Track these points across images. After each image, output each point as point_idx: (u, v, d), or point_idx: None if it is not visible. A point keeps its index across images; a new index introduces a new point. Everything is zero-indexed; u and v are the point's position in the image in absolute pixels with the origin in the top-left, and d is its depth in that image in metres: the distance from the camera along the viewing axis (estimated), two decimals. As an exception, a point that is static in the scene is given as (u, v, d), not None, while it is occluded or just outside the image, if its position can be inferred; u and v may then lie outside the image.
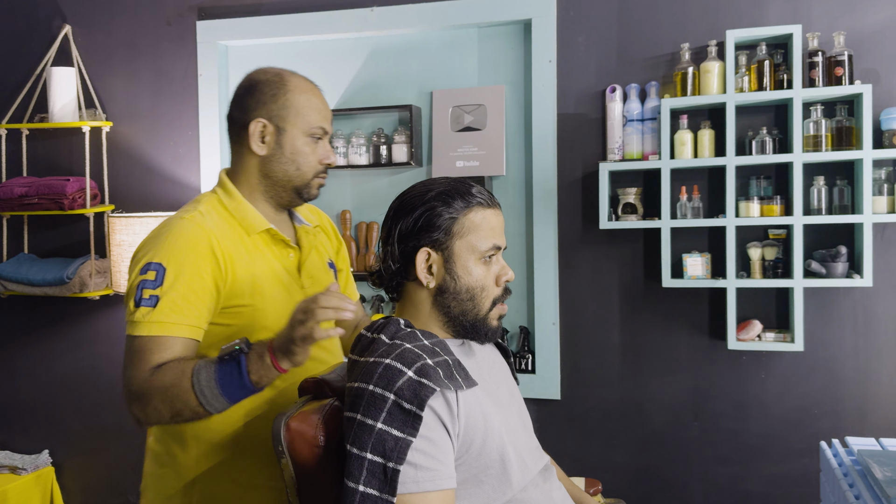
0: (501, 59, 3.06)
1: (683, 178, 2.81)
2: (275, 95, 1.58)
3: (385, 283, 1.42)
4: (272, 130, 1.56)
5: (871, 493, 1.78)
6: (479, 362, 1.42)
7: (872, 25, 2.65)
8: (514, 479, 1.32)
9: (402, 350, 1.27)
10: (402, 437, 1.19)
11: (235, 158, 1.61)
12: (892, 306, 2.67)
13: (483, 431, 1.29)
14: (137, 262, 1.45)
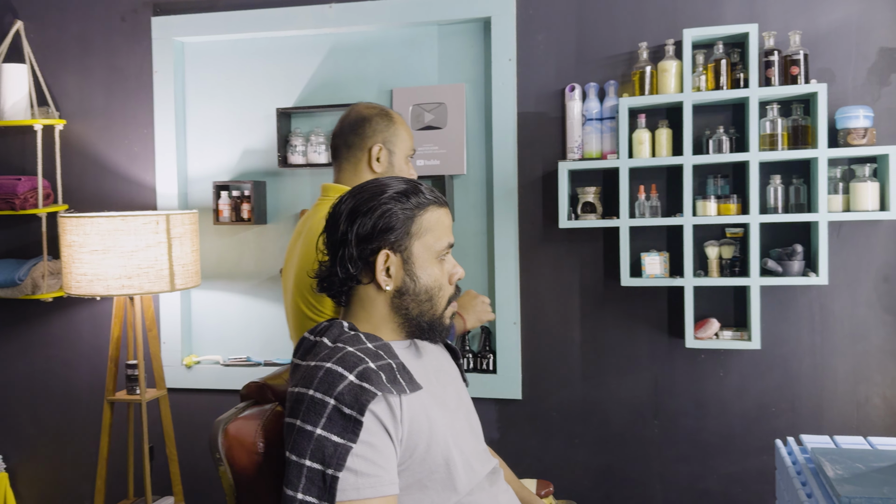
0: (461, 58, 3.04)
1: (642, 177, 2.81)
2: (388, 125, 1.98)
3: (335, 289, 1.39)
4: (386, 153, 1.97)
5: (823, 492, 1.79)
6: (426, 365, 1.40)
7: (827, 25, 2.67)
8: (459, 483, 1.30)
9: (343, 354, 1.24)
10: (342, 444, 1.17)
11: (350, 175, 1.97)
12: (848, 304, 2.70)
13: (428, 436, 1.27)
14: None
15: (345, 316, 1.40)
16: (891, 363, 2.67)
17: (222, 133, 3.24)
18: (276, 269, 3.19)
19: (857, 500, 1.65)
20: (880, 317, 2.67)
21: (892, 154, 2.49)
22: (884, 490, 1.67)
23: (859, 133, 2.53)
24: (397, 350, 1.35)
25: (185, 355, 3.26)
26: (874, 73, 2.64)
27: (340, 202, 1.38)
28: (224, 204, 3.12)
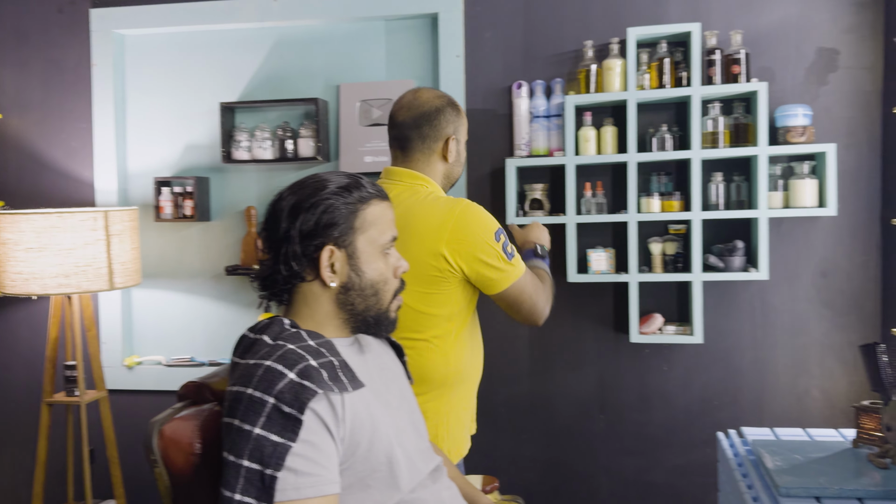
0: (409, 53, 3.02)
1: (588, 174, 2.83)
2: (457, 116, 1.99)
3: (278, 288, 1.36)
4: (455, 142, 1.98)
5: (763, 483, 1.82)
6: (369, 362, 1.39)
7: (768, 25, 2.73)
8: (402, 481, 1.29)
9: (284, 351, 1.22)
10: (281, 443, 1.15)
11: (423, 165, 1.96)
12: (787, 299, 2.76)
13: (370, 434, 1.25)
14: (487, 234, 1.82)
15: (286, 314, 1.37)
16: (829, 356, 2.74)
17: (164, 128, 3.17)
18: (221, 266, 3.14)
19: (794, 491, 1.68)
20: (819, 311, 2.74)
21: (830, 152, 2.56)
22: (820, 480, 1.71)
23: (798, 131, 2.59)
24: (340, 347, 1.33)
25: (125, 356, 3.18)
26: (813, 72, 2.71)
27: (280, 198, 1.35)
28: (165, 200, 3.05)
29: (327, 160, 3.03)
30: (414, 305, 1.82)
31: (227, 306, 3.15)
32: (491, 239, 1.82)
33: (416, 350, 1.83)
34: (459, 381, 1.90)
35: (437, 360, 1.85)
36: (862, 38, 2.67)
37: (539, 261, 2.08)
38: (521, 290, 1.87)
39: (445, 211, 1.82)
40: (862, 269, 2.70)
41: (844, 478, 1.73)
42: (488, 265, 1.81)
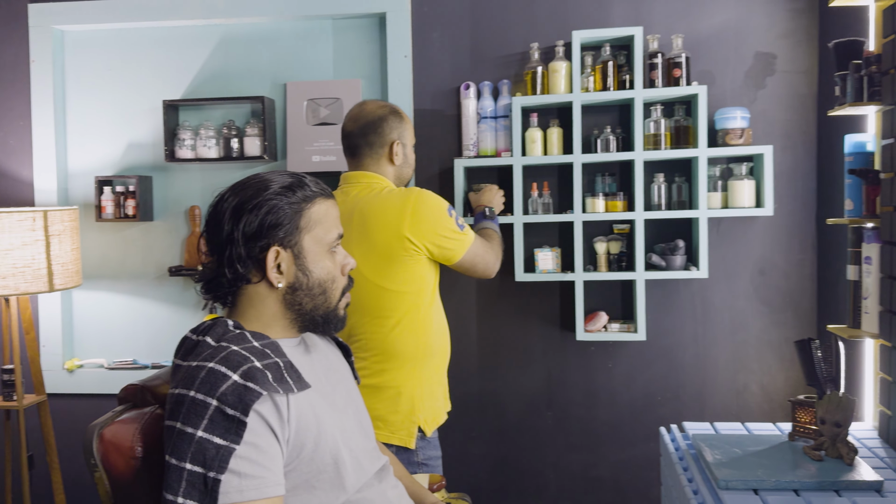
0: (357, 53, 3.02)
1: (535, 174, 2.87)
2: (400, 122, 2.22)
3: (223, 290, 1.34)
4: (401, 146, 2.22)
5: (703, 476, 1.87)
6: (315, 363, 1.38)
7: (708, 29, 2.80)
8: (348, 482, 1.30)
9: (227, 353, 1.21)
10: (225, 445, 1.14)
11: (373, 169, 2.20)
12: (726, 297, 2.83)
13: (315, 435, 1.25)
14: (441, 213, 2.09)
15: (230, 315, 1.36)
16: (767, 352, 2.82)
17: (105, 126, 3.11)
18: (164, 267, 3.08)
19: (733, 483, 1.73)
20: (757, 308, 2.82)
21: (767, 153, 2.63)
22: (758, 473, 1.77)
23: (737, 133, 2.66)
24: (286, 348, 1.33)
25: (66, 359, 3.11)
26: (751, 76, 2.79)
27: (221, 200, 1.33)
28: (107, 200, 2.99)
29: (274, 159, 3.01)
30: (381, 283, 2.06)
31: (171, 308, 3.10)
32: (444, 217, 2.09)
33: (385, 328, 2.08)
34: (429, 355, 2.12)
35: (407, 337, 2.08)
36: (798, 43, 2.76)
37: (488, 221, 2.41)
38: (474, 254, 2.17)
39: (402, 200, 2.06)
40: (798, 267, 2.79)
41: (781, 470, 1.78)
42: (445, 237, 2.09)
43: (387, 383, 2.08)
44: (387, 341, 2.07)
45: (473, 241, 2.16)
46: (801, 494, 1.68)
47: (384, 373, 2.08)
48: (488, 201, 2.56)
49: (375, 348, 2.09)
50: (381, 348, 2.08)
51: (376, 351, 2.09)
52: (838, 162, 2.49)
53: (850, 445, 1.83)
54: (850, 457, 1.81)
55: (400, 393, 2.08)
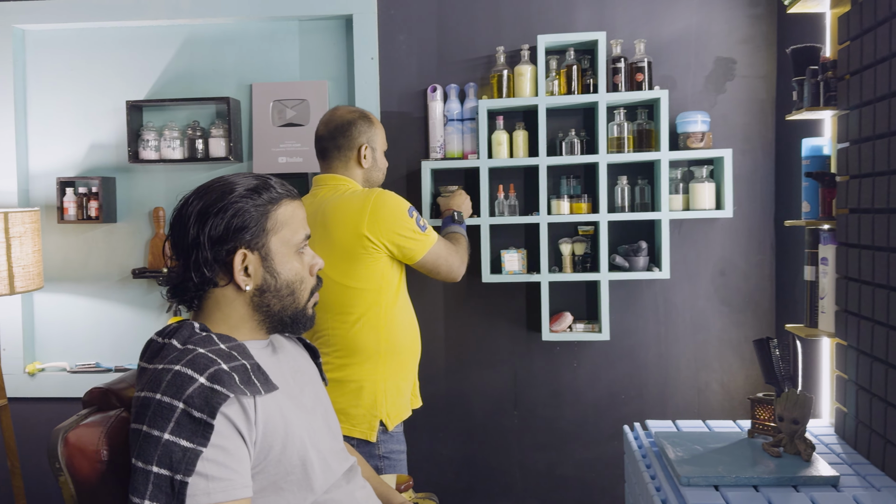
0: (324, 54, 3.01)
1: (501, 176, 2.90)
2: (369, 127, 2.28)
3: (189, 295, 1.34)
4: (370, 150, 2.27)
5: (665, 473, 1.91)
6: (283, 365, 1.39)
7: (670, 35, 2.85)
8: (316, 483, 1.30)
9: (194, 356, 1.21)
10: (191, 448, 1.14)
11: (342, 172, 2.26)
12: (688, 297, 2.89)
13: (283, 437, 1.25)
14: (400, 212, 2.14)
15: (196, 317, 1.35)
16: (727, 351, 2.88)
17: (67, 126, 3.07)
18: (128, 269, 3.05)
19: (695, 480, 1.77)
20: (717, 308, 2.88)
21: (727, 157, 2.69)
22: (719, 469, 1.80)
23: (697, 137, 2.71)
24: (253, 350, 1.33)
25: (27, 362, 3.06)
26: (711, 80, 2.84)
27: (186, 203, 1.32)
28: (69, 201, 2.95)
29: (239, 160, 3.00)
30: (343, 281, 2.11)
31: (135, 310, 3.07)
32: (404, 216, 2.14)
33: (348, 324, 2.13)
34: (393, 352, 2.17)
35: (369, 334, 2.13)
36: (757, 49, 2.82)
37: (455, 226, 2.45)
38: (437, 255, 2.21)
39: (363, 199, 2.12)
40: (757, 268, 2.85)
41: (741, 466, 1.82)
42: (405, 237, 2.13)
43: (348, 377, 2.14)
44: (348, 337, 2.13)
45: (436, 243, 2.21)
46: (760, 490, 1.72)
47: (346, 367, 2.14)
48: (457, 205, 2.62)
49: (337, 344, 2.15)
50: (343, 344, 2.14)
51: (338, 346, 2.15)
52: (796, 165, 2.55)
53: (808, 442, 1.87)
54: (808, 453, 1.85)
55: (362, 387, 2.13)
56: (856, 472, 1.84)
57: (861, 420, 1.95)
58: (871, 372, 1.88)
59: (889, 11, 1.76)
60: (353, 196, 2.15)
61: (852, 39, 1.98)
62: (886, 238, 1.78)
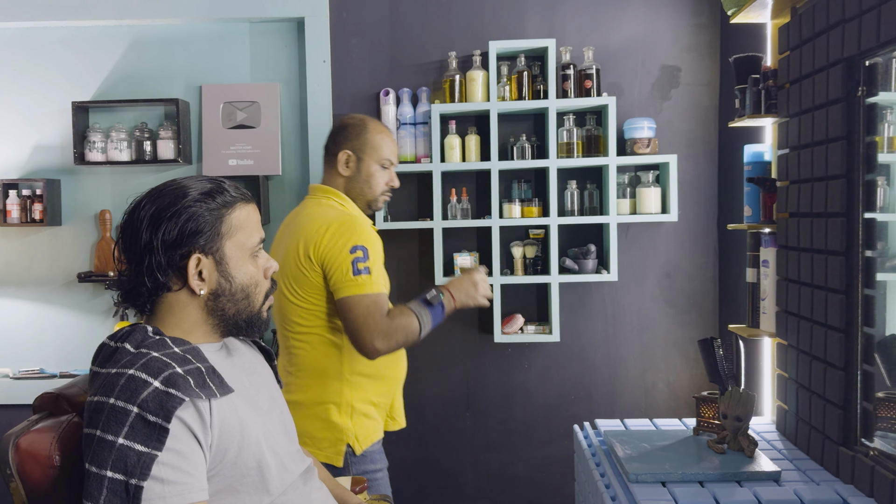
0: (275, 57, 3.00)
1: (453, 180, 2.92)
2: (358, 135, 2.13)
3: (142, 300, 1.32)
4: (354, 159, 2.12)
5: (614, 470, 1.95)
6: (238, 367, 1.38)
7: (617, 42, 2.91)
8: (272, 485, 1.30)
9: (148, 359, 1.20)
10: (146, 452, 1.13)
11: (327, 177, 2.16)
12: (635, 299, 2.95)
13: (239, 440, 1.25)
14: (343, 246, 1.95)
15: (148, 322, 1.34)
16: (673, 351, 2.96)
17: (10, 127, 2.99)
18: (73, 273, 2.99)
19: (642, 477, 1.81)
20: (663, 309, 2.95)
21: (672, 162, 2.76)
22: (666, 466, 1.85)
23: (644, 143, 2.78)
24: (208, 353, 1.32)
25: (-33, 369, 2.98)
26: (657, 87, 2.92)
27: (138, 207, 1.30)
28: (12, 204, 2.88)
29: (188, 162, 2.96)
30: (292, 298, 2.01)
31: (80, 315, 3.01)
32: (346, 249, 1.95)
33: (310, 343, 2.02)
34: (360, 374, 2.04)
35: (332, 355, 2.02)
36: (701, 57, 2.90)
37: (421, 305, 2.01)
38: (351, 307, 1.93)
39: (327, 219, 1.99)
40: (701, 270, 2.94)
41: (687, 463, 1.88)
42: (333, 269, 1.95)
43: (312, 399, 2.02)
44: (308, 357, 2.02)
45: (362, 295, 1.93)
46: (705, 486, 1.78)
47: (308, 388, 2.03)
48: (453, 286, 2.11)
49: (300, 364, 2.04)
50: (304, 364, 2.03)
51: (300, 366, 2.04)
52: (738, 171, 2.63)
53: (751, 438, 1.94)
54: (751, 449, 1.91)
55: (326, 410, 2.01)
56: (796, 466, 1.91)
57: (801, 417, 2.03)
58: (810, 370, 1.95)
59: (826, 23, 1.84)
60: (322, 216, 2.02)
61: (792, 49, 2.05)
62: (824, 241, 1.85)
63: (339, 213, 2.04)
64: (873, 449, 1.71)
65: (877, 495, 1.63)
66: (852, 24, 1.72)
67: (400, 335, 1.95)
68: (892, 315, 1.74)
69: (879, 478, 1.62)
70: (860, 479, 1.71)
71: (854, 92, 1.76)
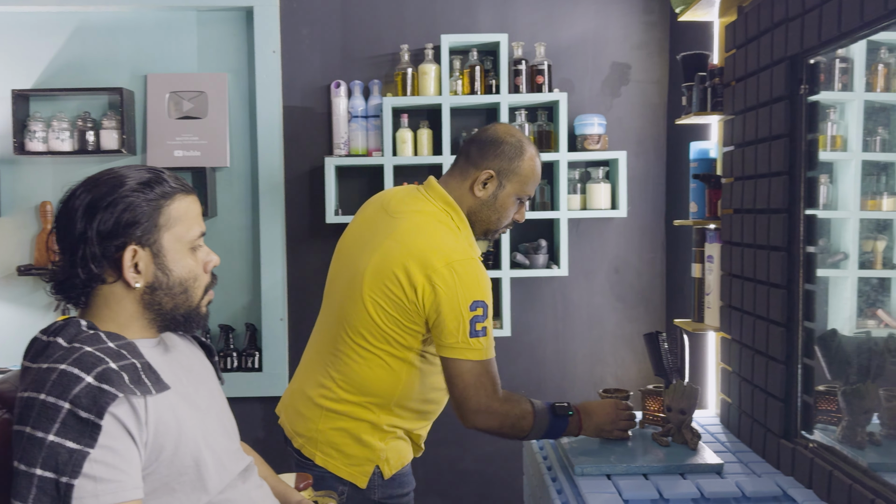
0: (223, 47, 2.95)
1: (406, 174, 2.91)
2: (511, 158, 1.82)
3: (76, 292, 1.28)
4: (496, 183, 1.83)
5: (561, 464, 1.96)
6: (175, 363, 1.35)
7: (568, 39, 2.93)
8: (210, 483, 1.28)
9: (80, 354, 1.16)
10: (78, 449, 1.10)
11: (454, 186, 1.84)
12: (585, 293, 2.98)
13: (176, 437, 1.22)
14: (464, 298, 1.69)
15: (83, 315, 1.30)
16: (621, 345, 2.99)
17: (-55, 114, 2.89)
18: (11, 266, 2.90)
19: (588, 470, 1.83)
20: (612, 304, 2.98)
21: (622, 159, 2.79)
22: (611, 459, 1.87)
23: (594, 139, 2.80)
24: (144, 349, 1.29)
25: None
26: (607, 84, 2.94)
27: (73, 196, 1.27)
28: (-53, 194, 2.78)
29: (133, 153, 2.90)
30: (373, 315, 1.75)
31: (20, 309, 2.92)
32: (466, 303, 1.70)
33: (368, 360, 1.78)
34: (409, 407, 1.84)
35: (388, 380, 1.79)
36: (650, 55, 2.93)
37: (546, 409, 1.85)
38: (462, 373, 1.73)
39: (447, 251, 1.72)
40: (649, 265, 2.97)
41: (632, 456, 1.89)
42: (446, 322, 1.70)
43: (352, 414, 1.81)
44: (363, 374, 1.78)
45: (476, 362, 1.73)
46: (649, 478, 1.79)
47: (352, 404, 1.81)
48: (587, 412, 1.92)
49: (350, 375, 1.80)
50: (356, 379, 1.80)
51: (350, 379, 1.81)
52: (685, 167, 2.67)
53: (695, 431, 1.96)
54: (695, 442, 1.94)
55: (363, 429, 1.81)
56: (739, 459, 1.94)
57: (743, 410, 2.06)
58: (752, 364, 1.98)
59: (771, 22, 1.87)
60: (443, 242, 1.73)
61: (738, 48, 2.08)
62: (766, 237, 1.89)
63: (458, 243, 1.76)
64: (813, 441, 1.75)
65: (815, 487, 1.67)
66: (795, 23, 1.75)
67: (506, 423, 1.80)
68: (833, 310, 1.78)
69: (818, 469, 1.66)
70: (800, 470, 1.75)
71: (797, 90, 1.80)
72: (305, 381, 1.90)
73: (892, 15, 1.42)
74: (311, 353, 1.94)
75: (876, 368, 1.61)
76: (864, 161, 1.69)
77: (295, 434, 1.89)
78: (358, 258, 1.81)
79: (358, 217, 1.96)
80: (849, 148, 1.75)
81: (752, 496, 1.69)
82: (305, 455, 1.86)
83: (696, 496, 1.69)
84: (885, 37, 1.57)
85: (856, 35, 1.55)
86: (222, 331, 2.93)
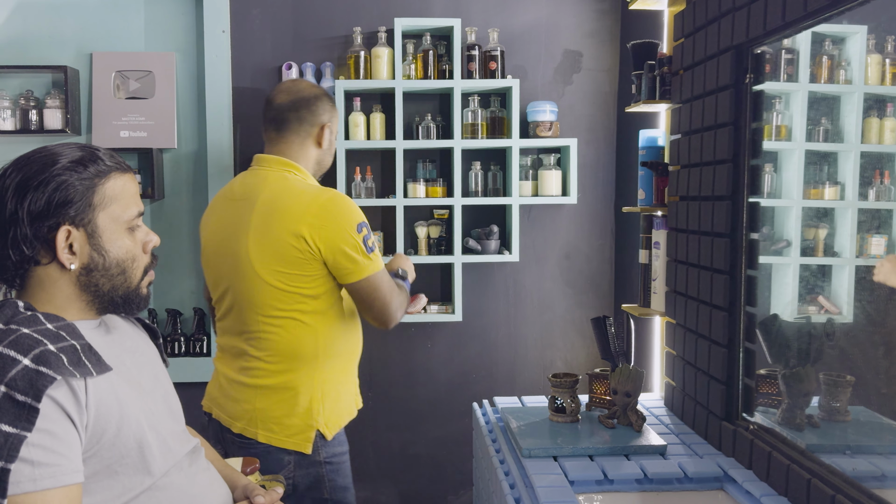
0: (171, 25, 2.89)
1: (358, 159, 2.89)
2: (332, 105, 2.10)
3: (8, 274, 1.25)
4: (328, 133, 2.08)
5: (509, 446, 1.99)
6: (117, 345, 1.33)
7: (522, 25, 2.94)
8: (154, 466, 1.26)
9: (17, 336, 1.13)
10: (14, 433, 1.07)
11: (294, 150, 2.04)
12: (536, 279, 3.00)
13: (118, 420, 1.20)
14: (350, 223, 1.89)
15: (20, 297, 1.27)
16: (571, 330, 3.03)
17: None
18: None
19: (535, 452, 1.85)
20: (562, 289, 3.02)
21: (573, 146, 2.81)
22: (558, 441, 1.90)
23: (546, 126, 2.82)
24: (85, 330, 1.26)
25: None
26: (560, 72, 2.96)
27: (3, 176, 1.23)
28: None
29: (77, 133, 2.82)
30: (275, 284, 1.89)
31: (-41, 292, 2.83)
32: (352, 229, 1.89)
33: (283, 328, 1.92)
34: (331, 356, 1.98)
35: (307, 337, 1.93)
36: (602, 43, 2.96)
37: (399, 280, 2.10)
38: (376, 286, 1.94)
39: (312, 196, 1.89)
40: (599, 251, 3.01)
41: (578, 438, 1.93)
42: (345, 253, 1.88)
43: (284, 384, 1.94)
44: (282, 341, 1.92)
45: (380, 272, 1.95)
46: (595, 459, 1.83)
47: (281, 374, 1.94)
48: (400, 265, 2.22)
49: (271, 348, 1.93)
50: (277, 348, 1.93)
51: (272, 350, 1.93)
52: (634, 155, 2.70)
53: (640, 414, 2.00)
54: (639, 424, 1.98)
55: (297, 394, 1.94)
56: (682, 441, 1.99)
57: (687, 393, 2.11)
58: (696, 348, 2.03)
59: (718, 11, 1.90)
60: (305, 189, 1.92)
61: (686, 36, 2.11)
62: (710, 224, 1.93)
63: (320, 189, 1.94)
64: (753, 423, 1.80)
65: (755, 467, 1.72)
66: (741, 13, 1.78)
67: (406, 304, 2.07)
68: (775, 295, 1.82)
69: (757, 450, 1.71)
70: (740, 452, 1.79)
71: (742, 79, 1.83)
72: (230, 370, 2.02)
73: (835, 5, 1.45)
74: (225, 347, 2.06)
75: (815, 352, 1.66)
76: (808, 150, 1.73)
77: (233, 420, 1.98)
78: (234, 249, 1.94)
79: (210, 222, 2.10)
80: (793, 137, 1.79)
81: (693, 477, 1.73)
82: (248, 437, 1.95)
83: (639, 477, 1.73)
84: (830, 28, 1.60)
85: (800, 25, 1.59)
86: (170, 315, 2.89)
